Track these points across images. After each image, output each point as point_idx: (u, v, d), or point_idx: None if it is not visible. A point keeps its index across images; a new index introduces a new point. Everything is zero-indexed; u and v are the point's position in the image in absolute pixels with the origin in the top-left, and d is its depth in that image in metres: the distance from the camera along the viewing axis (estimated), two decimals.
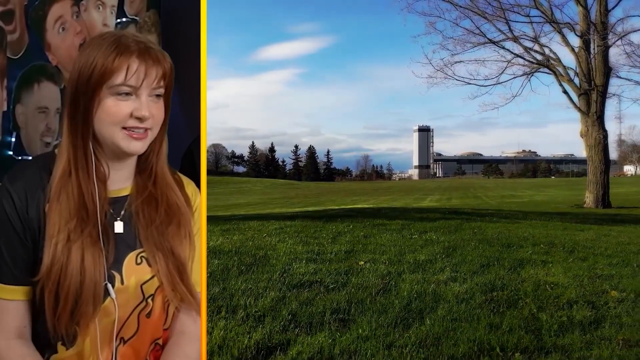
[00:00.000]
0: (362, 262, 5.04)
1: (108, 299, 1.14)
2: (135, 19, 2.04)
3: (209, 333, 2.94)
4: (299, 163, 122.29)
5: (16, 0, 1.74)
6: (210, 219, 9.71)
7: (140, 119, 1.12)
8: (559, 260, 5.31)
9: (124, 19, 2.02)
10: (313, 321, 3.17)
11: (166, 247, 1.20)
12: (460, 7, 16.50)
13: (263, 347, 2.72)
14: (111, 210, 1.17)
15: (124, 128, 1.11)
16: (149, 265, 1.19)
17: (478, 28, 16.69)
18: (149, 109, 1.13)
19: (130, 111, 1.11)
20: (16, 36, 1.78)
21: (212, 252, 5.49)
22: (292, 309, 3.40)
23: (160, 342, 1.25)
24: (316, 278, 4.32)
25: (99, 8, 1.96)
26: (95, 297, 1.11)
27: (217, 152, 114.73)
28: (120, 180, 1.21)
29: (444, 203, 23.79)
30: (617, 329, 3.15)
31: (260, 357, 2.61)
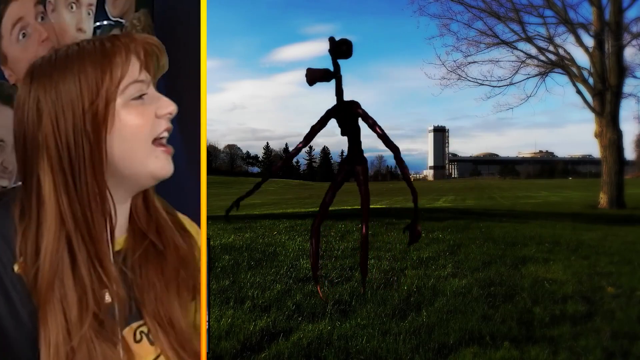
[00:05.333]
0: None
1: None
2: (121, 22, 1.43)
3: (217, 321, 3.15)
4: (313, 164, 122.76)
5: None
6: (224, 218, 9.95)
7: None
8: (560, 258, 5.41)
9: (104, 22, 1.43)
10: (316, 311, 3.37)
11: (167, 316, 0.91)
12: (473, 8, 16.53)
13: (267, 334, 2.93)
14: None
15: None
16: (151, 342, 0.90)
17: (491, 29, 16.71)
18: None
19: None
20: None
21: (223, 249, 5.71)
22: (296, 301, 3.59)
23: None
24: (321, 273, 4.51)
25: (72, 7, 1.39)
26: None
27: (231, 152, 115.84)
28: (118, 229, 0.89)
29: (457, 204, 23.70)
30: (609, 323, 3.28)
31: (264, 342, 2.82)
